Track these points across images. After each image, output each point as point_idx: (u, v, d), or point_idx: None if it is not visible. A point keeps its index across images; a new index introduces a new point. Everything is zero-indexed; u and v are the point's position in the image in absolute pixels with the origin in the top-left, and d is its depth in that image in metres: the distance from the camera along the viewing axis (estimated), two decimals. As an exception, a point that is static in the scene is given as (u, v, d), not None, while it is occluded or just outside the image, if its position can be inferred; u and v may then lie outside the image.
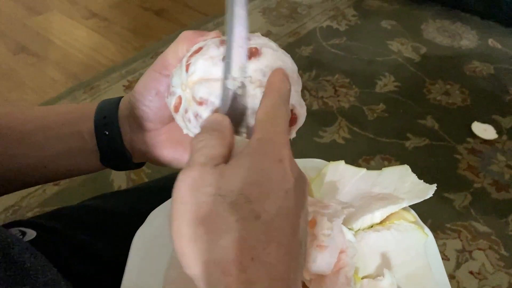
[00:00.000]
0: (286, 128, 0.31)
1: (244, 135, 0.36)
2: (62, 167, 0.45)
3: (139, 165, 0.47)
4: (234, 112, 0.34)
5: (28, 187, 0.48)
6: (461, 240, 1.16)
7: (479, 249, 1.15)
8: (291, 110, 0.37)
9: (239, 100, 0.35)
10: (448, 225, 1.19)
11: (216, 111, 0.35)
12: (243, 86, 0.35)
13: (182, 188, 0.28)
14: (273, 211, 0.27)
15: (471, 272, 1.10)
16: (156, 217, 0.47)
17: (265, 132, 0.30)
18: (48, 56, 1.69)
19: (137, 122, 0.43)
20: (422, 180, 0.47)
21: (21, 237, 0.46)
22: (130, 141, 0.44)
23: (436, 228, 1.18)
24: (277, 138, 0.30)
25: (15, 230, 0.47)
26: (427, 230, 0.46)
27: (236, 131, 0.35)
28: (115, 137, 0.43)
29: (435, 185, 0.45)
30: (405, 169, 0.49)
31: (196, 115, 0.36)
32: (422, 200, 0.45)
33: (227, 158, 0.30)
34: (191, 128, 0.37)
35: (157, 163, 0.45)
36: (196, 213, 0.27)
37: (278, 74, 0.34)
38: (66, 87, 1.56)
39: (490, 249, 1.15)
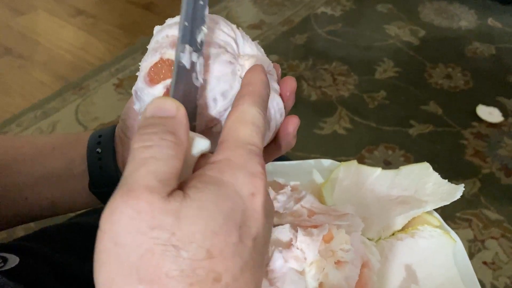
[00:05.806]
0: (262, 147, 0.24)
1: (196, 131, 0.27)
2: (45, 199, 0.40)
3: None
4: (185, 98, 0.25)
5: (7, 227, 0.43)
6: (472, 230, 1.12)
7: (492, 237, 1.11)
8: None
9: (193, 80, 0.26)
10: (458, 214, 1.15)
11: (166, 93, 0.27)
12: (200, 60, 0.26)
13: (119, 222, 0.20)
14: (237, 269, 0.21)
15: (484, 263, 1.06)
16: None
17: (238, 152, 0.23)
18: (34, 58, 1.62)
19: (129, 134, 0.39)
20: (447, 180, 0.43)
21: (2, 265, 0.42)
22: (123, 160, 0.39)
23: (446, 218, 1.13)
24: (251, 163, 0.23)
25: (-5, 257, 0.43)
26: (454, 234, 0.42)
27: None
28: (107, 155, 0.39)
29: (463, 185, 0.41)
30: (426, 167, 0.45)
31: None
32: (449, 202, 0.40)
33: (180, 173, 0.22)
34: None
35: None
36: (138, 264, 0.19)
37: (258, 71, 0.27)
38: (54, 89, 1.50)
39: (503, 237, 1.11)
